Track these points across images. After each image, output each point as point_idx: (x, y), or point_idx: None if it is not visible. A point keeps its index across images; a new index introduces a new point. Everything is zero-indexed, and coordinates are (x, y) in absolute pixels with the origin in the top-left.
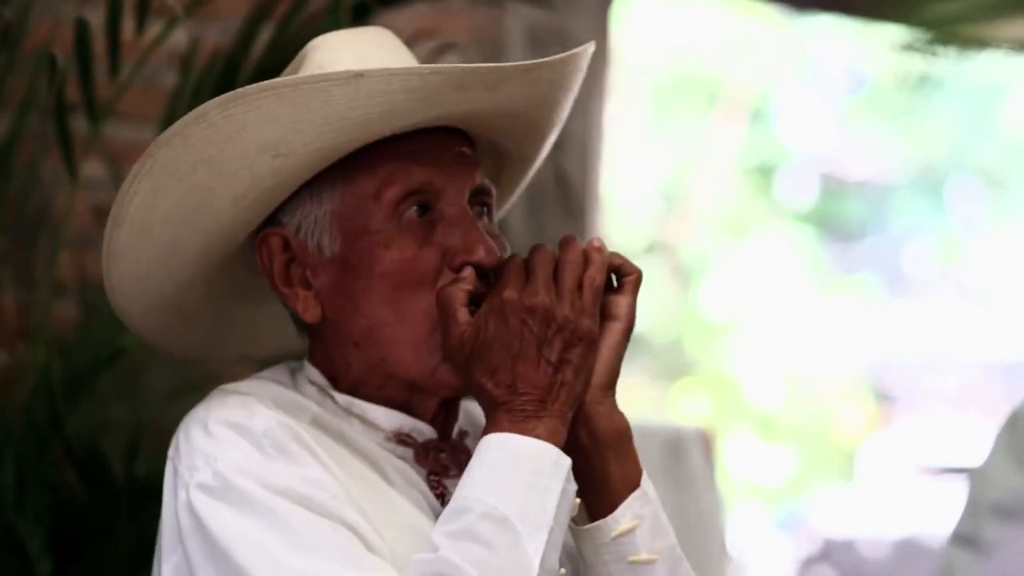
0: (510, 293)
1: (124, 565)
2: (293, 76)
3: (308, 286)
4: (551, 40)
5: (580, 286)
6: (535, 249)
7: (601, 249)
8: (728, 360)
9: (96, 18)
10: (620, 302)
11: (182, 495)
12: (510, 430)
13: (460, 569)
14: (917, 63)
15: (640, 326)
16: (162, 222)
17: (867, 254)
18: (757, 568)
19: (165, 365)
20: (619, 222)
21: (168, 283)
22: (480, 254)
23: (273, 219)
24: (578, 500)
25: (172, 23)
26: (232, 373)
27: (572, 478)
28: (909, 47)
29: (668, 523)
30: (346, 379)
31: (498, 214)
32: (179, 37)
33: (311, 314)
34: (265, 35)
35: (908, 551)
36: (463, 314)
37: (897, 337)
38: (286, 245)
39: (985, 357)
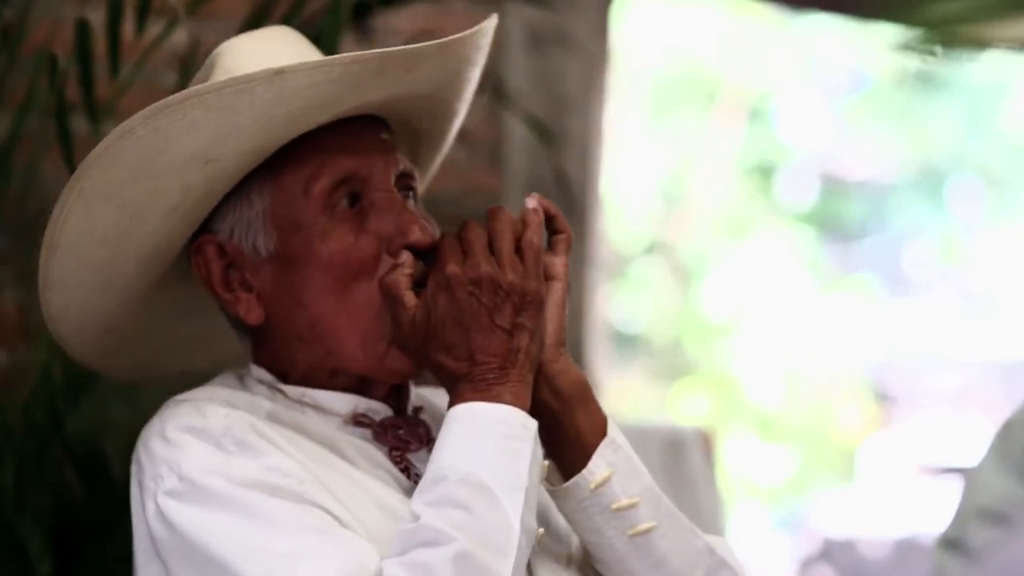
0: (453, 268)
1: (124, 565)
2: (216, 81)
3: (249, 288)
4: (551, 40)
5: (519, 250)
6: (464, 224)
7: (537, 210)
8: (728, 360)
9: (96, 18)
10: (556, 263)
11: (150, 506)
12: (475, 399)
13: (445, 534)
14: (917, 63)
15: (640, 326)
16: (97, 244)
17: (867, 254)
18: (757, 568)
19: None
20: (619, 222)
21: (105, 306)
22: (416, 235)
23: (204, 227)
24: (547, 462)
25: (172, 23)
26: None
27: (539, 442)
28: (909, 47)
29: (642, 466)
30: (294, 374)
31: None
32: (179, 37)
33: (254, 315)
34: None
35: (908, 551)
36: (410, 297)
37: (897, 337)
38: (221, 251)
39: (985, 357)
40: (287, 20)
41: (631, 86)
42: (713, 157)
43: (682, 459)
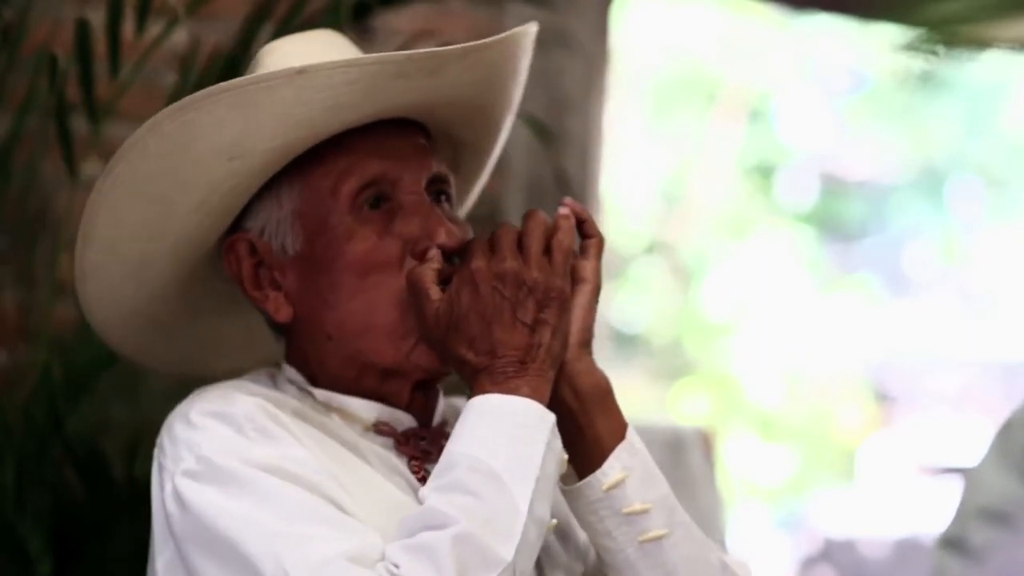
0: (478, 263)
1: (124, 565)
2: (239, 79)
3: (278, 287)
4: (551, 40)
5: (548, 250)
6: (499, 225)
7: (568, 216)
8: (728, 360)
9: (96, 18)
10: (586, 266)
11: (168, 486)
12: (493, 391)
13: (447, 516)
14: (917, 63)
15: (640, 326)
16: (129, 237)
17: (867, 254)
18: (757, 568)
19: None
20: (619, 222)
21: (140, 297)
22: (441, 237)
23: (238, 225)
24: (566, 458)
25: (172, 23)
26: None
27: (557, 434)
28: (909, 47)
29: (660, 474)
30: (323, 375)
31: (465, 205)
32: (179, 37)
33: (282, 314)
34: (265, 35)
35: (908, 551)
36: (435, 291)
37: (897, 337)
38: (252, 249)
39: (985, 357)
40: (287, 20)
41: (631, 86)
42: (713, 157)
43: (682, 459)
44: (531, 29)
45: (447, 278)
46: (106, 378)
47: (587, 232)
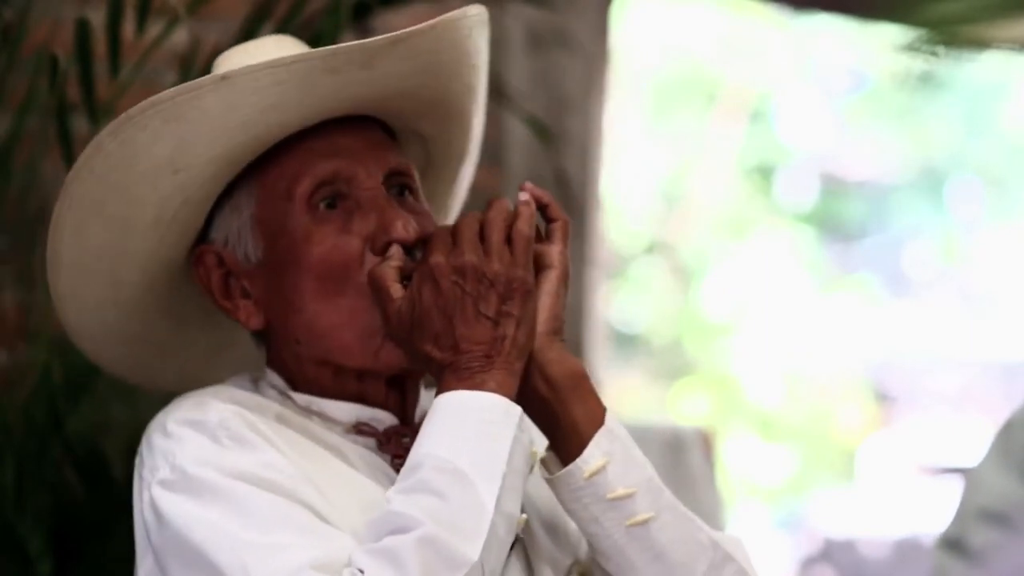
0: (437, 258)
1: (124, 565)
2: (168, 90)
3: (247, 296)
4: (551, 40)
5: (509, 240)
6: (460, 215)
7: (528, 202)
8: (728, 360)
9: (96, 18)
10: (552, 251)
11: (145, 496)
12: (458, 387)
13: (414, 519)
14: (917, 63)
15: (640, 326)
16: (95, 258)
17: (867, 254)
18: (757, 568)
19: None
20: (619, 222)
21: (122, 318)
22: (398, 231)
23: (205, 237)
24: (550, 452)
25: (172, 23)
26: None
27: (525, 427)
28: (909, 47)
29: (644, 458)
30: (302, 378)
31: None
32: (179, 37)
33: (254, 322)
34: (265, 35)
35: (908, 551)
36: (396, 289)
37: (897, 337)
38: (220, 260)
39: (985, 357)
40: (287, 21)
41: (631, 86)
42: (713, 157)
43: (682, 459)
44: (470, 12)
45: (410, 274)
46: (106, 378)
47: (551, 216)
